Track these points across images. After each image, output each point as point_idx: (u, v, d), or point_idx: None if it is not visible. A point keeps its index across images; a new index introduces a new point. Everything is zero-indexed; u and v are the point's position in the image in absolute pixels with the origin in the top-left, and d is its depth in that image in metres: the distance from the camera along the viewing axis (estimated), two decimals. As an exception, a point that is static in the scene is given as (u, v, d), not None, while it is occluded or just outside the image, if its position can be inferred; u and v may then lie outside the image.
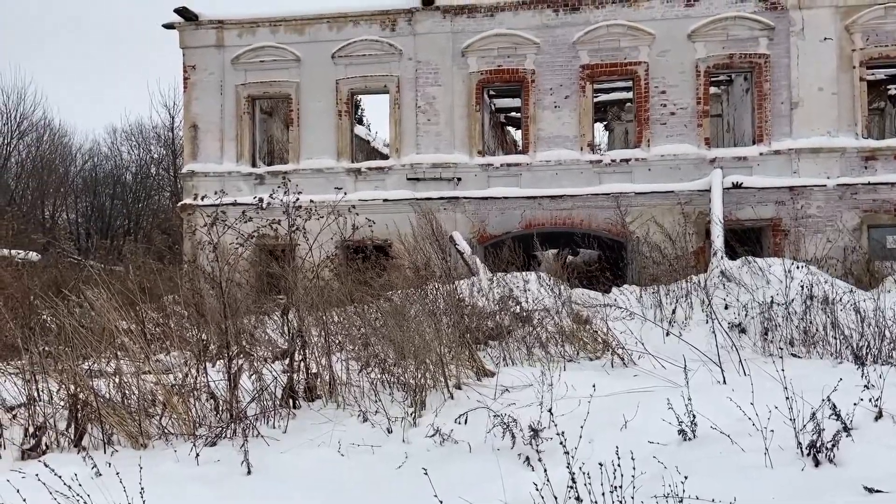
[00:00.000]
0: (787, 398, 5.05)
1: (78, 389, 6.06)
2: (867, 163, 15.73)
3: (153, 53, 55.43)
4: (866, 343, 8.43)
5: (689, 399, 5.36)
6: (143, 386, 6.45)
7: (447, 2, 17.59)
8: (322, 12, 18.15)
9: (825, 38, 15.95)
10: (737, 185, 15.58)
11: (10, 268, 10.06)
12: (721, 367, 7.58)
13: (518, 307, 11.10)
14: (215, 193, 8.87)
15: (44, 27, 65.34)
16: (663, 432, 5.36)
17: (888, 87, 21.50)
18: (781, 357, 8.66)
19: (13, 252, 16.63)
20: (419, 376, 6.92)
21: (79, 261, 10.48)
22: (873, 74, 19.53)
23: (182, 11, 18.35)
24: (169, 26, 18.72)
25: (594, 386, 5.83)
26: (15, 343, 7.01)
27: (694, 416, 5.29)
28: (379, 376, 7.49)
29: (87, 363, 6.80)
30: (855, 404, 5.22)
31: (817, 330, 9.82)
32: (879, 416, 5.46)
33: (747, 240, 14.38)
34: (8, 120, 33.90)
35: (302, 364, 7.43)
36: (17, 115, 34.16)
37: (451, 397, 7.08)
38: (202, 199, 7.86)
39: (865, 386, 5.86)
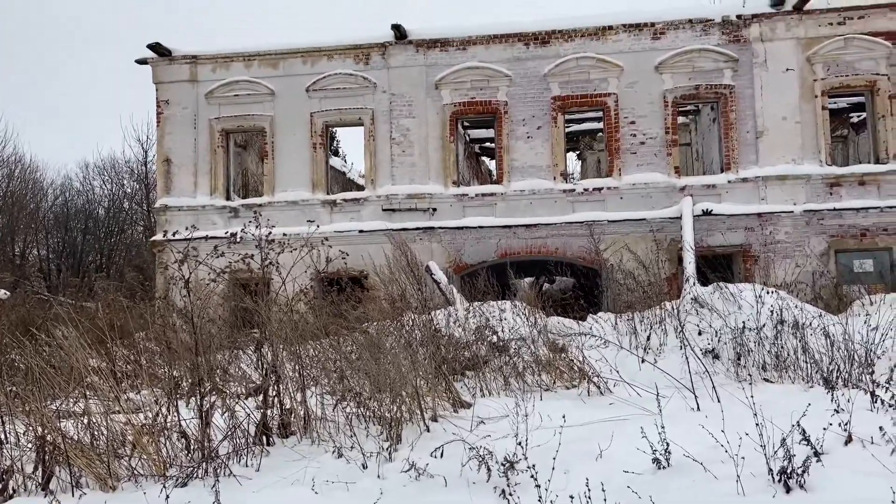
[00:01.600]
0: (758, 424, 5.11)
1: (46, 431, 5.92)
2: (832, 189, 16.12)
3: (127, 88, 55.25)
4: (836, 367, 8.55)
5: (663, 427, 5.39)
6: (112, 426, 6.32)
7: (420, 36, 17.84)
8: (296, 47, 18.31)
9: (787, 69, 16.43)
10: (707, 213, 15.86)
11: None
12: (695, 394, 7.64)
13: (494, 337, 11.12)
14: (186, 228, 8.82)
15: (16, 61, 64.95)
16: (638, 461, 5.38)
17: (851, 115, 22.15)
18: (753, 383, 8.78)
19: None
20: (395, 410, 6.88)
21: (48, 298, 10.32)
22: (835, 103, 20.14)
23: (155, 47, 18.39)
24: (142, 62, 18.73)
25: (564, 417, 5.85)
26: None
27: (668, 445, 5.32)
28: (354, 410, 7.43)
29: (55, 403, 6.66)
30: (825, 429, 5.30)
31: (788, 354, 9.96)
32: (849, 440, 5.54)
33: (718, 266, 14.59)
34: (-23, 156, 33.46)
35: (276, 399, 7.35)
36: (-14, 150, 33.73)
37: (428, 430, 7.04)
38: (174, 234, 7.79)
39: (835, 410, 5.95)
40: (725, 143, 16.61)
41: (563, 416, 5.79)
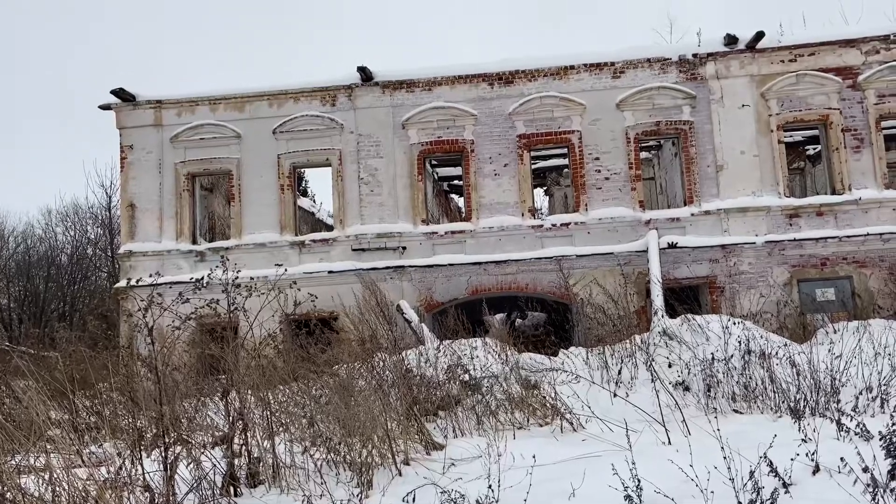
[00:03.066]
0: (726, 458, 5.14)
1: (5, 489, 5.71)
2: (791, 220, 16.52)
3: (90, 133, 54.80)
4: (803, 396, 8.66)
5: (634, 463, 5.39)
6: (74, 481, 6.12)
7: (386, 77, 18.05)
8: (262, 90, 18.39)
9: (743, 105, 16.93)
10: (672, 245, 16.11)
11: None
12: (665, 428, 7.68)
13: (466, 375, 11.06)
14: (150, 275, 8.69)
15: (-24, 108, 64.10)
16: (610, 499, 5.36)
17: (807, 147, 22.83)
18: (723, 414, 8.85)
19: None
20: (365, 454, 6.78)
21: (8, 349, 10.04)
22: (791, 136, 20.76)
23: (119, 92, 18.32)
24: (106, 107, 18.62)
25: (534, 457, 5.81)
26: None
27: (639, 481, 5.31)
28: (324, 456, 7.30)
29: (14, 459, 6.43)
30: (792, 460, 5.36)
31: (757, 385, 10.07)
32: (816, 470, 5.59)
33: (686, 298, 14.77)
34: (-65, 204, 32.74)
35: (243, 448, 7.20)
36: (-55, 198, 33.08)
37: (400, 474, 6.94)
38: (138, 280, 7.67)
39: (802, 440, 6.02)
40: (687, 176, 16.98)
41: (534, 456, 5.76)
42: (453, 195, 29.99)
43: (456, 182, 26.54)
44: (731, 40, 16.99)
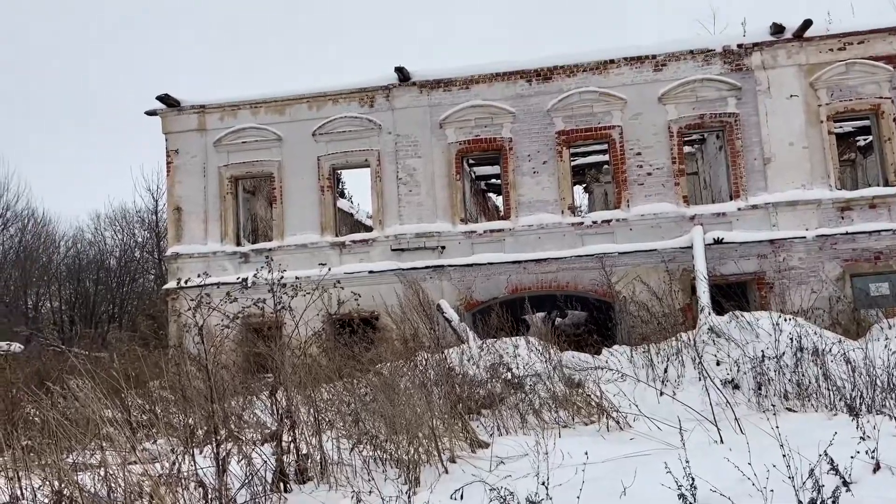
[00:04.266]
0: (785, 455, 5.00)
1: (63, 485, 5.86)
2: (843, 213, 16.04)
3: (137, 139, 56.15)
4: (859, 393, 8.40)
5: (687, 462, 5.28)
6: (129, 477, 6.25)
7: (423, 77, 18.09)
8: (302, 93, 18.59)
9: (791, 96, 16.50)
10: (718, 241, 15.78)
11: (8, 361, 9.88)
12: (717, 427, 7.51)
13: (509, 374, 11.01)
14: (199, 276, 8.84)
15: (29, 118, 66.24)
16: (663, 498, 5.26)
17: (857, 138, 22.17)
18: (776, 412, 8.63)
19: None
20: (412, 452, 6.79)
21: (63, 350, 10.34)
22: (841, 127, 20.16)
23: (164, 98, 18.73)
24: (151, 113, 19.05)
25: (586, 454, 5.72)
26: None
27: (693, 480, 5.20)
28: (371, 453, 7.33)
29: (71, 456, 6.61)
30: (852, 457, 5.19)
31: (810, 382, 9.81)
32: (877, 468, 5.42)
33: (733, 294, 14.46)
34: (-9, 212, 33.93)
35: (292, 445, 7.27)
36: (0, 205, 34.22)
37: (446, 472, 6.93)
38: (186, 281, 7.81)
39: (861, 438, 5.83)
40: (733, 170, 16.62)
41: (586, 453, 5.67)
42: (490, 194, 29.92)
43: (493, 181, 26.47)
44: (777, 29, 16.58)
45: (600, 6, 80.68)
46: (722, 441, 7.20)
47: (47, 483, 6.12)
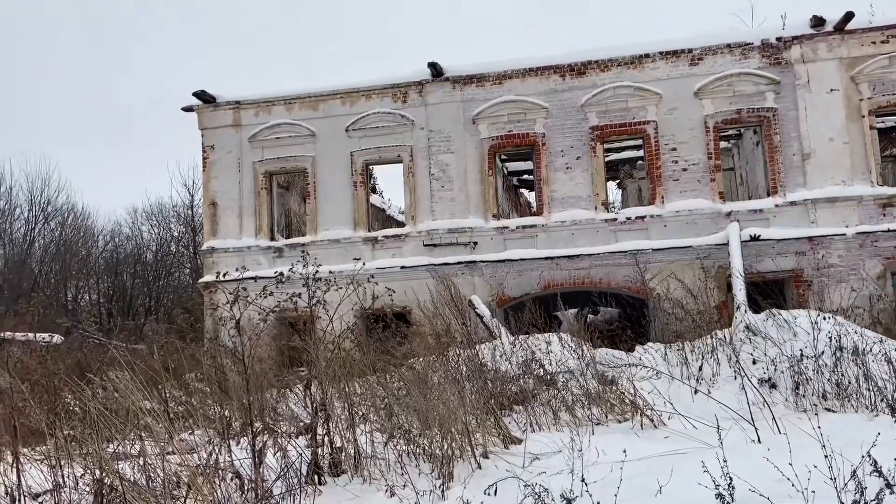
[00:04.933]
0: (826, 456, 4.90)
1: (104, 474, 6.00)
2: (885, 210, 15.64)
3: (173, 135, 57.09)
4: (902, 394, 8.20)
5: (725, 461, 5.20)
6: (167, 468, 6.38)
7: (456, 73, 18.07)
8: (335, 88, 18.70)
9: (832, 90, 16.12)
10: (754, 238, 15.51)
11: (34, 352, 10.14)
12: (754, 426, 7.40)
13: (542, 370, 10.97)
14: (237, 270, 8.96)
15: (67, 115, 67.75)
16: (700, 497, 5.19)
17: (899, 133, 21.55)
18: (814, 412, 8.47)
19: (37, 336, 16.77)
20: (445, 447, 6.80)
21: (103, 342, 10.59)
22: (883, 122, 19.64)
23: (200, 94, 19.00)
24: (188, 109, 19.35)
25: (625, 451, 5.68)
26: (40, 428, 7.00)
27: (731, 479, 5.13)
28: (404, 448, 7.37)
29: (111, 446, 6.76)
30: (896, 459, 5.06)
31: (850, 382, 9.61)
32: (924, 470, 5.26)
33: (769, 292, 14.19)
34: (33, 206, 34.81)
35: (326, 438, 7.34)
36: (41, 200, 35.09)
37: (479, 467, 6.94)
38: (224, 275, 7.92)
39: (906, 439, 5.69)
40: (771, 166, 16.31)
41: (624, 451, 5.62)
42: (522, 190, 29.79)
43: (525, 176, 26.35)
44: (817, 22, 16.21)
45: (633, 4, 79.80)
46: (760, 441, 7.09)
47: (89, 471, 6.27)
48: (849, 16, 15.87)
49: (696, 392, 9.94)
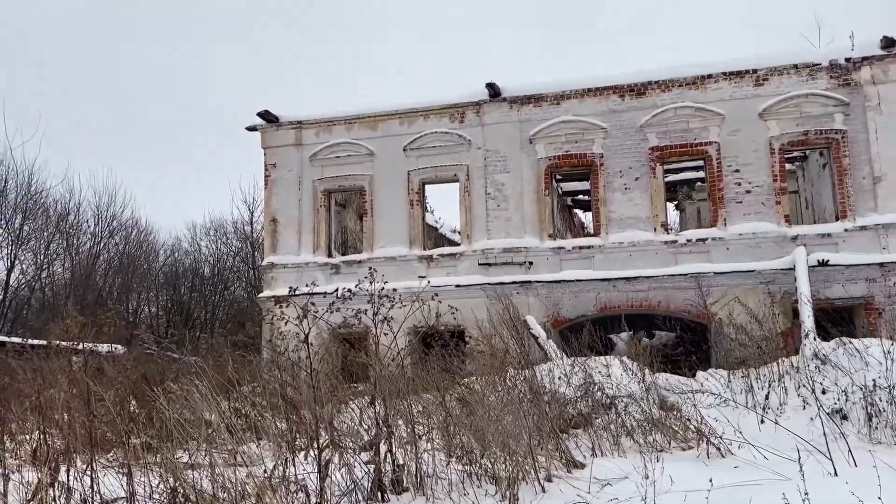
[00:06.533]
0: (917, 492, 4.69)
1: (177, 483, 6.14)
2: (961, 236, 14.99)
3: (235, 154, 58.72)
4: None
5: (806, 494, 5.03)
6: (236, 479, 6.48)
7: (514, 93, 18.14)
8: (394, 109, 18.97)
9: (903, 112, 15.61)
10: (822, 263, 15.03)
11: (108, 362, 10.48)
12: (830, 458, 7.13)
13: (601, 393, 10.80)
14: (306, 286, 9.12)
15: (134, 137, 70.34)
16: (782, 530, 5.02)
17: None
18: (888, 445, 8.13)
19: (101, 347, 17.28)
20: (510, 468, 6.74)
21: (170, 355, 10.90)
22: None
23: (264, 115, 19.52)
24: (252, 128, 19.89)
25: (710, 480, 5.52)
26: (115, 436, 7.21)
27: (814, 513, 4.95)
28: (467, 468, 7.33)
29: (184, 455, 6.92)
30: None
31: (927, 415, 9.21)
32: None
33: (838, 320, 13.72)
34: (99, 220, 36.11)
35: (388, 455, 7.36)
36: (108, 215, 36.38)
37: (544, 490, 6.86)
38: (294, 290, 8.08)
39: None
40: (840, 189, 15.83)
41: (710, 480, 5.47)
42: (577, 210, 29.57)
43: (580, 197, 26.15)
44: (888, 43, 15.74)
45: (693, 22, 78.87)
46: (837, 474, 6.83)
47: (163, 480, 6.42)
48: (922, 36, 15.39)
49: (762, 421, 9.66)
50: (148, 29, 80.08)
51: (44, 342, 11.83)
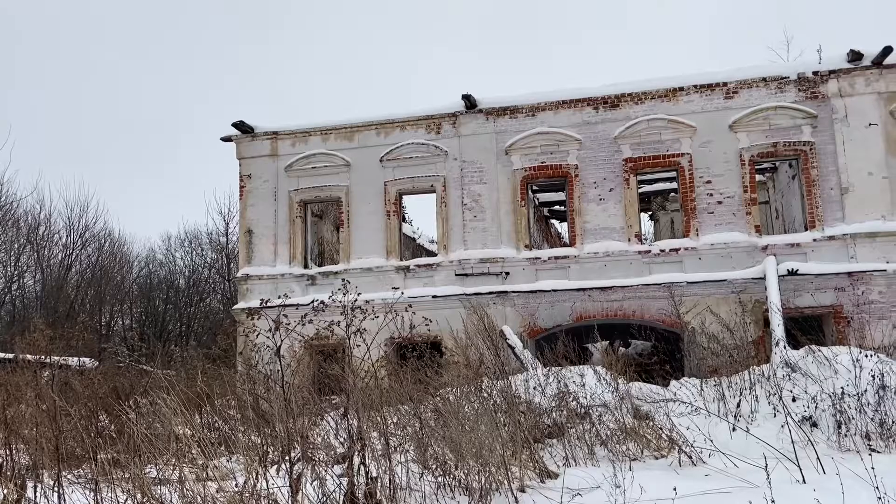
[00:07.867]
0: (879, 498, 4.77)
1: (145, 499, 6.05)
2: (927, 245, 15.31)
3: (209, 165, 58.32)
4: (952, 436, 7.96)
5: (773, 501, 5.10)
6: (205, 494, 6.40)
7: (489, 104, 18.24)
8: (370, 119, 18.98)
9: (870, 124, 15.94)
10: (792, 272, 15.27)
11: (77, 376, 10.31)
12: (799, 465, 7.23)
13: (576, 403, 10.85)
14: (278, 297, 9.06)
15: (108, 143, 69.56)
16: (748, 538, 5.08)
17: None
18: (859, 452, 8.25)
19: (71, 360, 17.01)
20: (482, 479, 6.74)
21: (142, 368, 10.74)
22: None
23: (239, 125, 19.41)
24: (227, 139, 19.77)
25: (675, 489, 5.58)
26: (82, 451, 7.09)
27: (780, 520, 5.02)
28: (440, 479, 7.31)
29: (151, 469, 6.82)
30: (954, 504, 4.91)
31: (894, 422, 9.37)
32: (983, 517, 5.10)
33: (808, 328, 13.94)
34: (71, 231, 35.58)
35: (361, 467, 7.31)
36: (80, 226, 35.85)
37: (517, 501, 6.86)
38: (266, 301, 8.01)
39: (961, 483, 5.52)
40: (808, 200, 16.11)
41: (675, 489, 5.53)
42: (553, 221, 29.75)
43: (556, 207, 26.34)
44: (855, 56, 16.10)
45: (670, 37, 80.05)
46: (805, 481, 6.92)
47: (130, 497, 6.32)
48: (887, 50, 15.75)
49: (734, 429, 9.76)
50: (121, 39, 79.48)
51: (11, 356, 11.60)
